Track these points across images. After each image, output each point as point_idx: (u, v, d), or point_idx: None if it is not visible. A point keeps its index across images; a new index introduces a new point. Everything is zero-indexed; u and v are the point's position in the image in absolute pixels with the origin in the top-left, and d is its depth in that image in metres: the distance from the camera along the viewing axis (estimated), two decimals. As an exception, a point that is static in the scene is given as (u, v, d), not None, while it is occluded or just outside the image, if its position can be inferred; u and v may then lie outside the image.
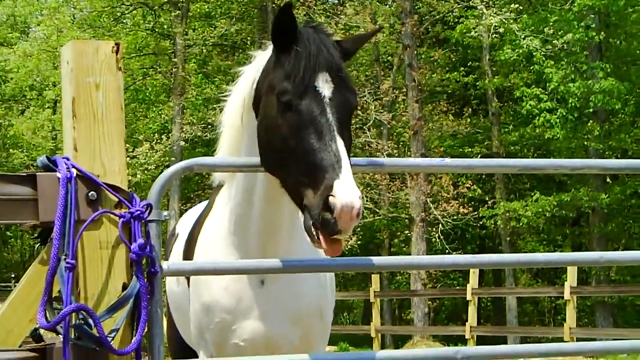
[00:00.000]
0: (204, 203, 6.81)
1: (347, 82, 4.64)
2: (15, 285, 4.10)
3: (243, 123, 5.11)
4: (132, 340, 3.91)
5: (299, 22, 4.78)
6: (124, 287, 3.92)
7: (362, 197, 4.26)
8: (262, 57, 5.05)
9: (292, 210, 5.13)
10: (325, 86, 4.54)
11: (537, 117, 33.56)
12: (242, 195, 5.24)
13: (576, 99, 32.66)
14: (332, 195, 4.17)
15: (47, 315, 3.76)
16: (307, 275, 5.39)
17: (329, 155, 4.32)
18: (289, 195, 4.62)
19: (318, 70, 4.56)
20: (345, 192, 4.17)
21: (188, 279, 5.78)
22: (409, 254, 33.94)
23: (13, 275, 52.61)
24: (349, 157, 4.41)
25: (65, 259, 3.77)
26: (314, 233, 4.27)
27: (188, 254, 5.87)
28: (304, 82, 4.53)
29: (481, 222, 38.10)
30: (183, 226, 6.88)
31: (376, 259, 4.67)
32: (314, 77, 4.55)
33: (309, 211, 4.30)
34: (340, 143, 4.36)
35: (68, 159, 3.91)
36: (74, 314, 3.76)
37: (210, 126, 34.60)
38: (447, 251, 34.34)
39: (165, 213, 4.04)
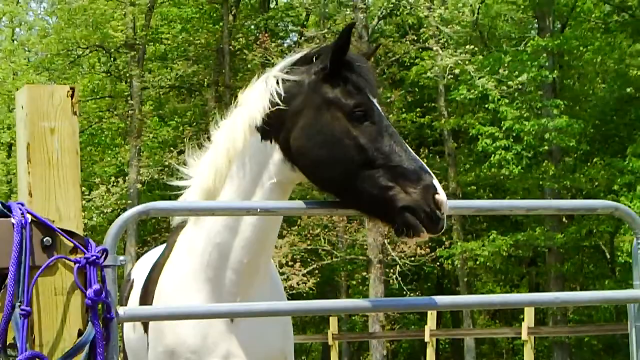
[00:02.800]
0: (161, 247, 6.75)
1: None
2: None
3: (243, 145, 5.10)
4: (88, 388, 3.86)
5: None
6: (80, 333, 3.88)
7: None
8: (262, 82, 5.10)
9: (272, 247, 5.24)
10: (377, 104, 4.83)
11: (493, 155, 33.80)
12: (227, 222, 5.17)
13: (531, 137, 32.95)
14: (437, 194, 4.44)
15: (2, 363, 3.72)
16: (275, 318, 5.37)
17: (414, 158, 4.59)
18: (367, 206, 4.67)
19: (376, 89, 4.87)
20: (443, 191, 4.48)
21: (144, 325, 5.71)
22: (367, 296, 33.92)
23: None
24: None
25: (20, 306, 3.73)
26: (420, 229, 4.45)
27: (146, 299, 5.75)
28: (368, 97, 4.79)
29: (438, 263, 38.19)
30: (138, 271, 6.76)
31: (353, 302, 4.69)
32: (374, 93, 4.83)
33: (413, 211, 4.46)
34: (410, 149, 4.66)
35: (23, 205, 3.88)
36: (28, 361, 3.71)
37: (167, 169, 34.50)
38: (404, 292, 34.37)
39: (121, 258, 4.00)
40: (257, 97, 5.07)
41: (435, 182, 4.45)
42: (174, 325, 5.30)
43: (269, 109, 4.97)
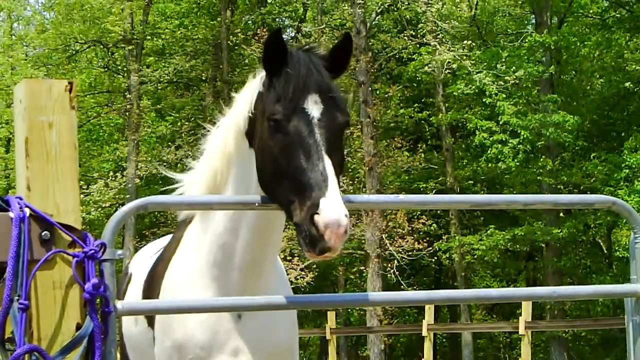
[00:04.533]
0: (159, 241, 6.75)
1: (337, 102, 4.71)
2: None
3: (236, 150, 5.13)
4: (86, 381, 3.87)
5: (289, 46, 4.86)
6: (78, 327, 3.88)
7: (349, 216, 4.31)
8: (254, 83, 5.09)
9: (277, 246, 5.25)
10: (314, 107, 4.62)
11: (489, 149, 33.80)
12: (227, 225, 5.23)
13: (528, 132, 32.96)
14: (317, 214, 4.24)
15: (0, 357, 3.72)
16: (282, 313, 5.40)
17: (316, 174, 4.40)
18: (286, 215, 4.67)
19: (307, 92, 4.64)
20: (331, 210, 4.25)
21: (149, 319, 5.72)
22: (365, 291, 33.92)
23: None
24: (340, 175, 4.54)
25: (18, 300, 3.73)
26: (305, 248, 4.33)
27: (151, 293, 5.77)
28: (293, 103, 4.62)
29: (436, 257, 38.21)
30: (137, 265, 6.77)
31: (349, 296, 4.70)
32: (303, 98, 4.63)
33: (298, 229, 4.36)
34: (327, 162, 4.44)
35: (21, 199, 3.88)
36: (27, 355, 3.72)
37: (165, 163, 34.49)
38: (402, 287, 34.37)
39: (119, 252, 4.01)
40: (243, 103, 5.11)
41: (324, 200, 4.28)
42: (182, 320, 5.33)
43: (250, 114, 5.01)
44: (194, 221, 5.60)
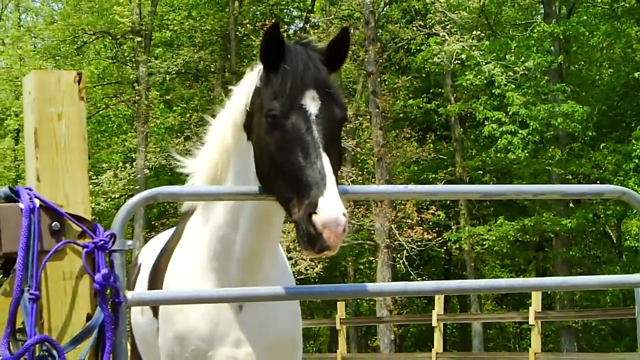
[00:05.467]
0: (168, 232, 6.76)
1: (335, 97, 4.69)
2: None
3: (234, 143, 5.13)
4: (97, 371, 3.88)
5: (287, 40, 4.82)
6: (88, 317, 3.89)
7: (347, 215, 4.30)
8: (251, 76, 5.06)
9: (276, 237, 5.23)
10: (312, 103, 4.61)
11: (499, 140, 33.76)
12: (227, 217, 5.24)
13: (537, 122, 32.90)
14: (315, 213, 4.23)
15: (11, 347, 3.72)
16: (283, 304, 5.40)
17: (314, 172, 4.38)
18: (284, 211, 4.67)
19: (305, 88, 4.62)
20: (329, 208, 4.23)
21: (154, 309, 5.74)
22: (374, 281, 33.94)
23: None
24: (338, 171, 4.51)
25: (28, 290, 3.73)
26: (303, 246, 4.34)
27: (155, 284, 5.80)
28: (290, 100, 4.60)
29: (445, 247, 38.20)
30: (146, 256, 6.79)
31: (356, 286, 4.71)
32: (300, 94, 4.61)
33: (297, 227, 4.36)
34: (325, 160, 4.42)
35: (31, 190, 3.88)
36: (37, 345, 3.72)
37: (173, 155, 34.50)
38: (411, 277, 34.37)
39: (129, 242, 4.01)
40: (240, 97, 5.11)
41: (322, 199, 4.27)
42: (184, 311, 5.34)
43: (248, 108, 5.00)
44: (196, 213, 5.63)
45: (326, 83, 4.69)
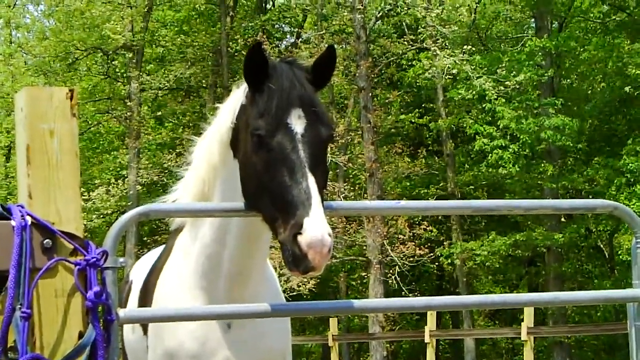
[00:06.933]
0: (159, 248, 6.76)
1: (321, 116, 4.66)
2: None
3: (220, 161, 5.12)
4: (89, 390, 3.86)
5: (271, 59, 4.80)
6: (80, 335, 3.87)
7: (332, 235, 4.29)
8: (237, 93, 5.05)
9: (264, 254, 5.23)
10: (297, 122, 4.58)
11: (490, 155, 33.78)
12: (214, 235, 5.24)
13: (527, 135, 32.92)
14: (300, 233, 4.22)
15: (3, 365, 3.72)
16: (272, 321, 5.39)
17: (299, 192, 4.36)
18: (270, 230, 4.67)
19: (290, 107, 4.60)
20: (314, 229, 4.21)
21: (144, 327, 5.73)
22: (367, 297, 33.92)
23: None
24: (324, 191, 4.48)
25: (20, 308, 3.72)
26: (289, 266, 4.32)
27: (145, 302, 5.79)
28: (276, 119, 4.57)
29: (438, 263, 38.18)
30: (137, 273, 6.78)
31: (346, 302, 4.70)
32: (286, 114, 4.59)
33: (282, 247, 4.35)
34: (311, 180, 4.40)
35: (22, 207, 3.87)
36: (29, 363, 3.71)
37: (166, 171, 34.52)
38: (404, 293, 34.34)
39: (121, 260, 4.01)
40: (225, 114, 5.11)
41: (308, 219, 4.25)
42: (173, 329, 5.34)
43: (233, 125, 5.00)
44: (184, 230, 5.63)
45: (312, 101, 4.67)
